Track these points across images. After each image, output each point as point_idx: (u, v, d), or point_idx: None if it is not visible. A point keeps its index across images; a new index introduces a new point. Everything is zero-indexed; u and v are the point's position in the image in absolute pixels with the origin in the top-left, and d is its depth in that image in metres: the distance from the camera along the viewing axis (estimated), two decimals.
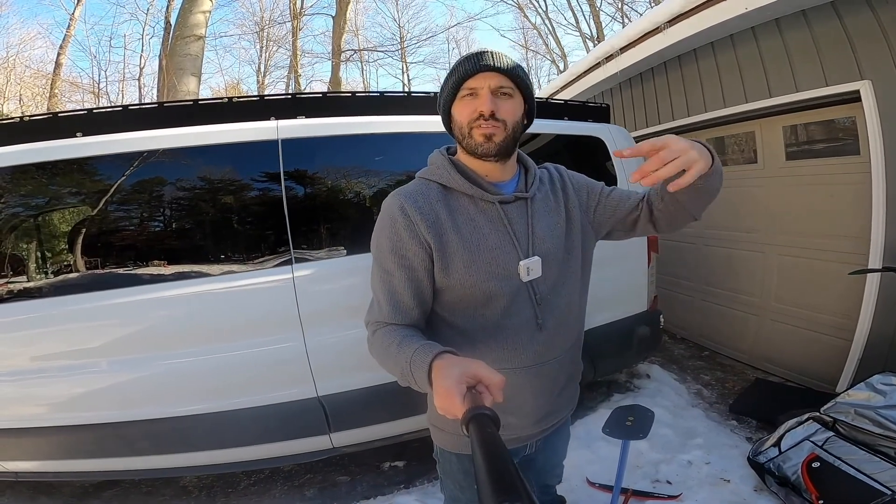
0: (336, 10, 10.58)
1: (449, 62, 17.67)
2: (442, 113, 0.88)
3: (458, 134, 0.84)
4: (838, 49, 2.15)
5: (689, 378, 2.85)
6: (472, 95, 0.80)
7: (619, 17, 11.50)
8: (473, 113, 0.79)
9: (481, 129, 0.79)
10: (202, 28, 5.74)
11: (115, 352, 1.61)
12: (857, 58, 2.08)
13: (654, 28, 2.99)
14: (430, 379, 0.65)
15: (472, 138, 0.80)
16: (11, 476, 1.71)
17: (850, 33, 2.09)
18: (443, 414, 0.58)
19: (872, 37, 2.00)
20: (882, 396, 1.64)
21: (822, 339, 2.48)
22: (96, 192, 1.62)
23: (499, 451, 0.44)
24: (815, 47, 2.25)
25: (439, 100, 0.87)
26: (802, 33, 2.30)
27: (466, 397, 0.56)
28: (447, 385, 0.57)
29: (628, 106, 3.91)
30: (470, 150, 0.82)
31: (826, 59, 2.21)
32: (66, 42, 9.31)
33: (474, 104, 0.79)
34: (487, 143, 0.79)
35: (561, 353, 0.94)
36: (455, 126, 0.84)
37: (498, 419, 0.51)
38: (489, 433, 0.48)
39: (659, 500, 1.75)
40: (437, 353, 0.66)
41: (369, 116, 1.84)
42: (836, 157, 2.36)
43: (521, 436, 0.97)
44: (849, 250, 2.29)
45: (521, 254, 0.84)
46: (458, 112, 0.82)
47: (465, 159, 0.87)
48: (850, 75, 2.11)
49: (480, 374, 0.58)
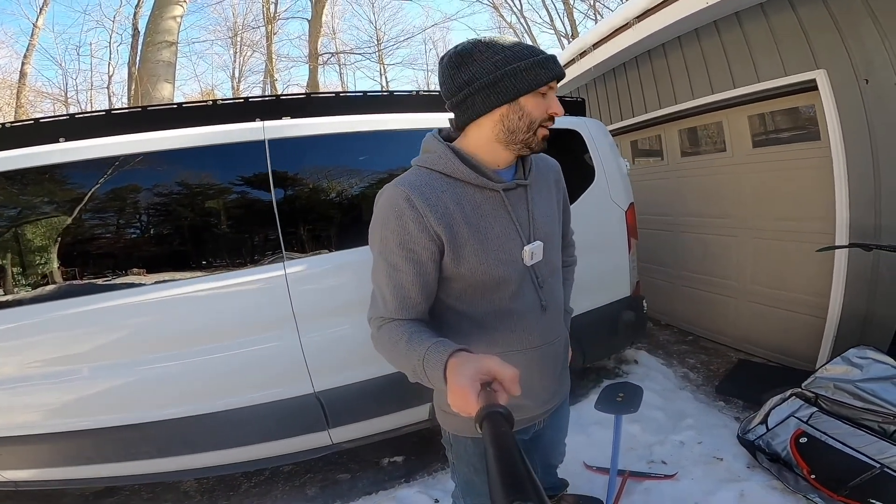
0: (311, 14, 10.54)
1: (427, 63, 17.67)
2: (496, 94, 0.79)
3: (518, 125, 0.81)
4: (794, 40, 2.25)
5: (675, 362, 2.93)
6: (544, 95, 0.82)
7: (593, 13, 11.71)
8: (545, 112, 0.82)
9: (545, 130, 0.83)
10: (173, 34, 5.66)
11: (111, 356, 1.60)
12: (811, 48, 2.19)
13: (624, 24, 3.08)
14: (444, 377, 0.65)
15: (536, 135, 0.83)
16: (11, 486, 1.68)
17: (805, 24, 2.19)
18: (457, 412, 0.59)
19: (825, 27, 2.11)
20: (859, 370, 1.68)
21: (799, 318, 2.57)
22: (85, 198, 1.61)
23: (511, 451, 0.44)
24: (772, 39, 2.36)
25: (506, 81, 0.78)
26: (761, 25, 2.41)
27: (481, 395, 0.57)
28: (462, 383, 0.58)
29: (604, 100, 4.02)
30: (525, 143, 0.83)
31: (784, 49, 2.32)
32: (31, 51, 9.03)
33: (546, 104, 0.82)
34: (543, 142, 0.84)
35: (560, 334, 1.00)
36: (522, 117, 0.80)
37: (512, 417, 0.52)
38: (503, 432, 0.48)
39: (656, 480, 1.79)
40: (452, 352, 0.66)
41: (353, 115, 1.87)
42: (799, 144, 2.47)
43: (532, 416, 1.00)
44: (817, 230, 2.39)
45: (523, 239, 0.87)
46: (532, 105, 0.80)
47: (475, 147, 0.85)
48: (806, 65, 2.22)
49: (494, 370, 0.59)
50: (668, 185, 3.44)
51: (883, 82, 1.95)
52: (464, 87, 0.80)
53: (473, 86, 0.79)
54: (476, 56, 0.79)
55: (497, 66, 0.78)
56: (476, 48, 0.79)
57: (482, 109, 0.80)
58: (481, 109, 0.80)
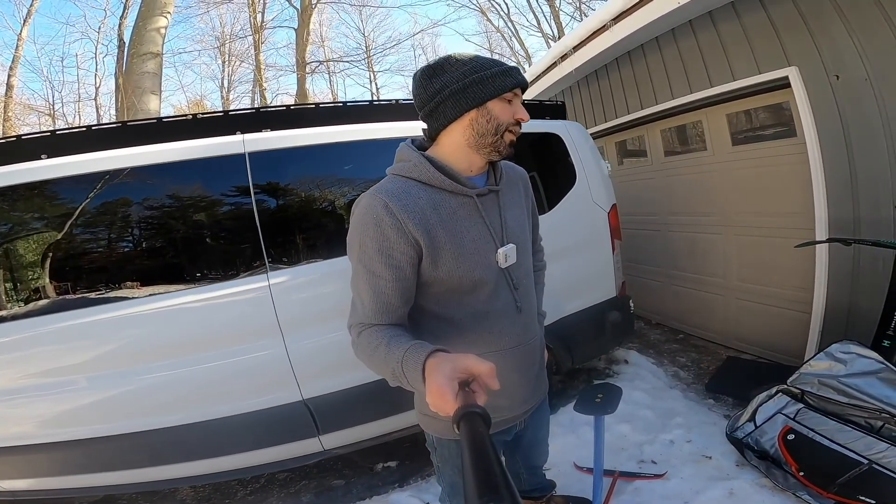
0: (298, 23, 10.57)
1: (416, 69, 17.72)
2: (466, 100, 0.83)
3: (487, 128, 0.85)
4: (766, 38, 2.30)
5: (665, 361, 2.94)
6: (511, 102, 0.86)
7: (579, 16, 11.79)
8: (512, 117, 0.86)
9: (512, 135, 0.88)
10: (158, 45, 5.65)
11: (101, 367, 1.62)
12: (783, 45, 2.23)
13: (601, 26, 3.12)
14: (423, 378, 0.66)
15: (504, 140, 0.87)
16: (8, 496, 1.68)
17: (776, 23, 2.24)
18: (436, 412, 0.60)
19: (795, 25, 2.15)
20: (843, 365, 1.66)
21: (785, 313, 2.59)
22: (67, 214, 1.62)
23: (486, 451, 0.44)
24: (745, 37, 2.40)
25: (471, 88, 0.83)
26: (733, 24, 2.46)
27: (459, 395, 0.57)
28: (440, 383, 0.59)
29: (587, 102, 4.06)
30: (494, 146, 0.87)
31: (756, 47, 2.36)
32: (16, 63, 8.96)
33: (512, 110, 0.86)
34: (510, 147, 0.88)
35: (536, 335, 1.03)
36: (490, 120, 0.85)
37: (489, 417, 0.52)
38: (479, 432, 0.48)
39: (646, 480, 1.80)
40: (430, 352, 0.68)
41: (333, 126, 1.88)
42: (777, 140, 2.51)
43: (511, 416, 1.02)
44: (797, 226, 2.42)
45: (497, 242, 0.90)
46: (498, 109, 0.85)
47: (448, 154, 0.88)
48: (778, 62, 2.26)
49: (471, 366, 0.60)
50: (654, 185, 3.47)
51: (853, 77, 1.99)
52: (435, 96, 0.84)
53: (444, 93, 0.84)
54: (446, 67, 0.85)
55: (465, 74, 0.83)
56: (447, 61, 0.85)
57: (453, 115, 0.85)
58: (452, 115, 0.85)
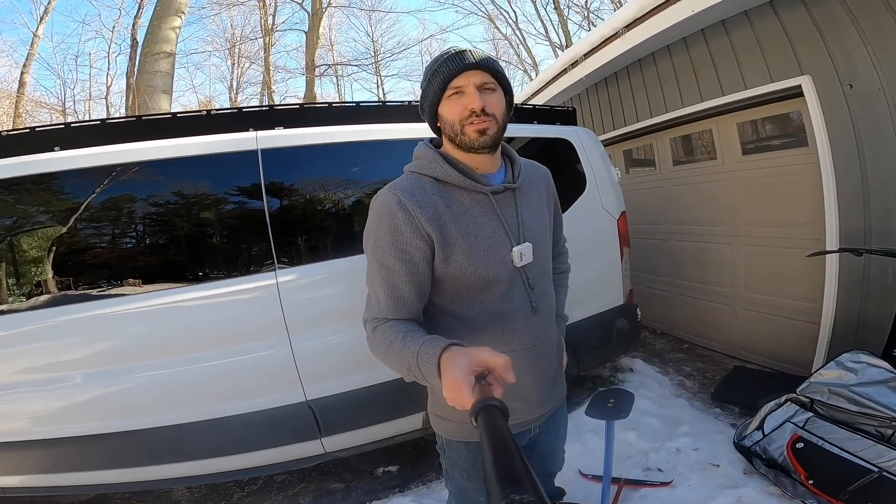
0: (308, 26, 10.67)
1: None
2: (427, 115, 0.89)
3: (449, 132, 0.85)
4: (779, 46, 2.30)
5: (671, 370, 2.92)
6: (458, 94, 0.82)
7: (587, 25, 11.87)
8: (464, 111, 0.81)
9: (475, 126, 0.82)
10: (172, 45, 5.69)
11: (102, 363, 1.60)
12: (796, 54, 2.23)
13: (613, 34, 3.13)
14: (439, 372, 0.66)
15: (466, 135, 0.82)
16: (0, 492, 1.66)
17: (789, 31, 2.24)
18: (453, 405, 0.59)
19: (809, 34, 2.15)
20: (853, 374, 1.67)
21: (793, 323, 2.57)
22: (78, 207, 1.62)
23: (506, 443, 0.44)
24: (758, 46, 2.40)
25: (423, 102, 0.88)
26: (746, 33, 2.46)
27: (476, 389, 0.57)
28: (456, 376, 0.59)
29: (596, 110, 4.06)
30: (465, 146, 0.84)
31: (769, 56, 2.36)
32: (30, 60, 9.08)
33: (463, 102, 0.82)
34: (482, 137, 0.82)
35: (553, 337, 1.00)
36: (445, 125, 0.85)
37: (507, 410, 0.52)
38: (498, 424, 0.48)
39: (652, 488, 1.78)
40: (445, 346, 0.68)
41: (346, 126, 1.88)
42: (788, 150, 2.50)
43: (526, 419, 1.00)
44: (808, 236, 2.41)
45: (512, 241, 0.89)
46: (447, 111, 0.84)
47: (455, 153, 0.88)
48: (791, 71, 2.25)
49: (486, 360, 0.60)
50: (662, 194, 3.46)
51: (867, 87, 1.98)
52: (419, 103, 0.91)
53: (420, 102, 0.91)
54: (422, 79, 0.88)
55: (422, 83, 0.87)
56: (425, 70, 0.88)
57: (429, 122, 0.91)
58: (429, 122, 0.91)
